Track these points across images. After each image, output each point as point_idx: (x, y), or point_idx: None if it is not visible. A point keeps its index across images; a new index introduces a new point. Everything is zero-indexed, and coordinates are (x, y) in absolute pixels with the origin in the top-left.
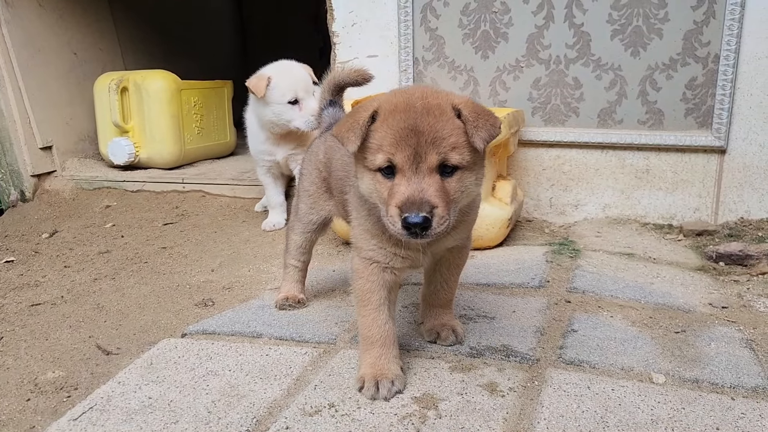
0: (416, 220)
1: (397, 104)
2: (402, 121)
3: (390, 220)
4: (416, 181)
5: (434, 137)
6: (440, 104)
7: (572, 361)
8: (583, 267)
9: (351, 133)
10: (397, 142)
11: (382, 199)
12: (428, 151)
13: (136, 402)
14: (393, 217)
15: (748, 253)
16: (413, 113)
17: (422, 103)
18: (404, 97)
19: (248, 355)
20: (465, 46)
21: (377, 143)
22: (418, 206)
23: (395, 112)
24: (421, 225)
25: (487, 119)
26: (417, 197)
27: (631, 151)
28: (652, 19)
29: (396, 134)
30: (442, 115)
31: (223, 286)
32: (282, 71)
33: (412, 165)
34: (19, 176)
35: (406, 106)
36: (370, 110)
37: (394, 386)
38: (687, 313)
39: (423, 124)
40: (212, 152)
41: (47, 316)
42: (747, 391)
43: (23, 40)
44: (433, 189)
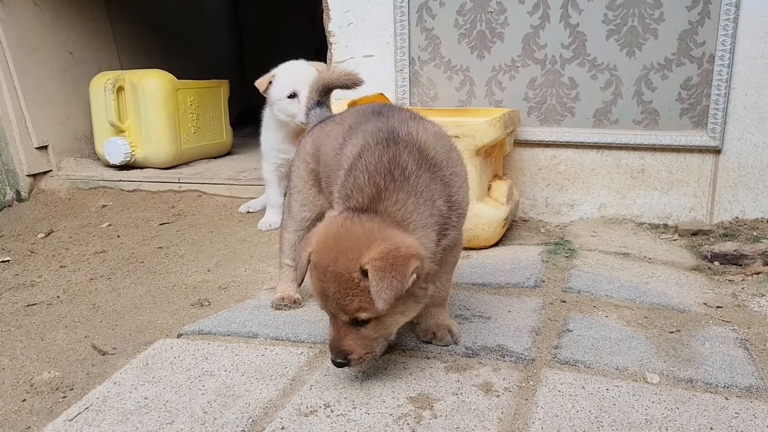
0: (338, 361)
1: (315, 261)
2: (316, 282)
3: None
4: (336, 330)
5: (338, 304)
6: (347, 270)
7: (567, 361)
8: (578, 267)
9: (298, 270)
10: (318, 298)
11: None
12: (338, 313)
13: (131, 402)
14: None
15: (743, 253)
16: (323, 277)
17: (331, 270)
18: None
19: (244, 356)
20: (461, 46)
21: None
22: (336, 353)
23: (315, 270)
24: (341, 365)
25: (393, 276)
26: (335, 345)
27: (627, 151)
28: (647, 19)
29: (315, 291)
30: (346, 282)
31: (219, 286)
32: (285, 69)
33: (332, 316)
34: (15, 176)
35: (320, 268)
36: (308, 251)
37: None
38: (682, 313)
39: (329, 290)
40: (208, 152)
41: (43, 317)
42: (741, 390)
43: (19, 39)
44: (349, 339)
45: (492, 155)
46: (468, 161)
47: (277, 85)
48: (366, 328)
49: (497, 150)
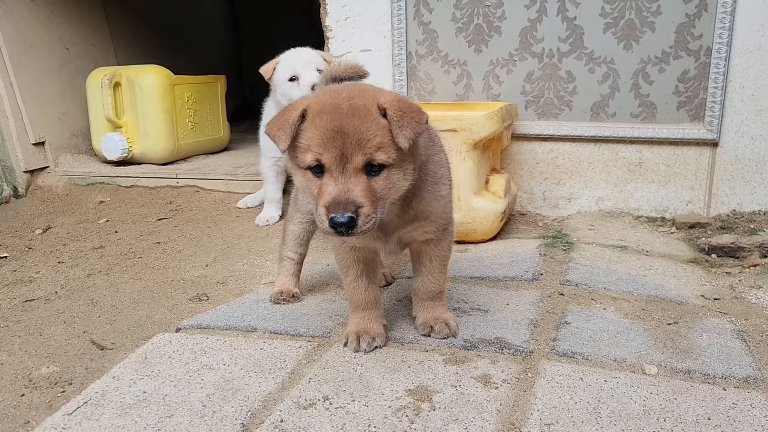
0: (341, 220)
1: (324, 105)
2: (328, 122)
3: (319, 218)
4: (342, 182)
5: (359, 139)
6: (365, 105)
7: (565, 353)
8: (576, 260)
9: (281, 132)
10: (324, 143)
11: (313, 196)
12: (354, 152)
13: (130, 396)
14: (321, 216)
15: (740, 245)
16: (339, 114)
17: (348, 104)
18: (332, 97)
19: (243, 349)
20: (458, 40)
21: (306, 143)
22: (344, 207)
23: (322, 113)
24: (347, 224)
25: (412, 117)
26: (343, 198)
27: (624, 145)
28: (644, 12)
29: (323, 135)
30: (367, 116)
31: (218, 280)
32: (288, 54)
33: (338, 165)
34: (12, 172)
35: (333, 107)
36: (299, 110)
37: (375, 341)
38: (679, 305)
39: (348, 126)
40: (206, 147)
41: (41, 312)
42: (738, 381)
43: (15, 35)
44: (359, 189)
45: (489, 149)
46: (465, 155)
47: (280, 69)
48: (377, 179)
49: (495, 144)
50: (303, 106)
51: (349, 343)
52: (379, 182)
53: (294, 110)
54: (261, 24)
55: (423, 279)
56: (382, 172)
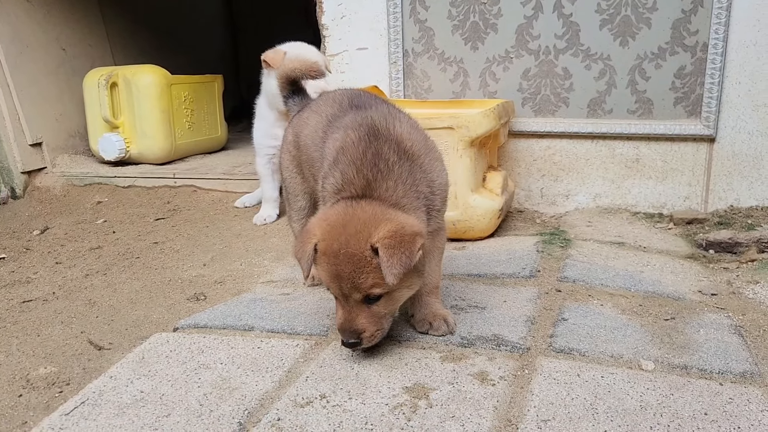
0: (348, 342)
1: (326, 248)
2: (328, 267)
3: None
4: (347, 311)
5: (354, 283)
6: (358, 252)
7: (562, 350)
8: (573, 256)
9: (303, 263)
10: (329, 282)
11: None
12: (352, 292)
13: (128, 396)
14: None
15: (738, 241)
16: (336, 261)
17: (344, 252)
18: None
19: (240, 348)
20: (454, 38)
21: (319, 274)
22: (349, 334)
23: (324, 256)
24: (354, 345)
25: (402, 252)
26: (347, 327)
27: (621, 141)
28: (640, 8)
29: (326, 276)
30: (359, 262)
31: (215, 280)
32: (296, 48)
33: (342, 298)
34: (9, 173)
35: (332, 252)
36: (313, 242)
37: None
38: (676, 301)
39: (344, 272)
40: (203, 147)
41: (39, 313)
42: (735, 376)
43: (11, 36)
44: (361, 317)
45: (486, 146)
46: (462, 152)
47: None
48: (377, 305)
49: (492, 141)
50: (315, 240)
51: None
52: (380, 306)
53: (309, 242)
54: (258, 23)
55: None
56: (381, 298)
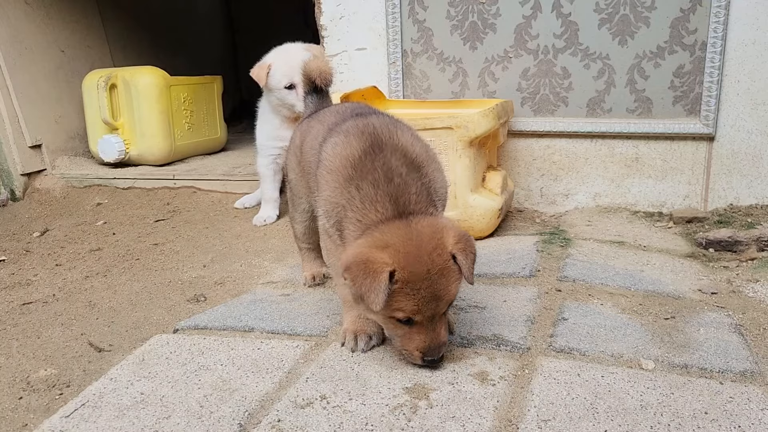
0: (436, 359)
1: (412, 273)
2: (422, 289)
3: (410, 357)
4: (433, 330)
5: (447, 297)
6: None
7: (562, 349)
8: (573, 256)
9: (375, 296)
10: (422, 305)
11: (396, 334)
12: (443, 307)
13: (128, 398)
14: (413, 357)
15: (738, 239)
16: (431, 281)
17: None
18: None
19: (240, 350)
20: (453, 38)
21: (398, 305)
22: (437, 351)
23: (417, 279)
24: (439, 360)
25: (471, 252)
26: (436, 344)
27: (621, 140)
28: (639, 7)
29: (419, 301)
30: (450, 274)
31: (215, 281)
32: (280, 56)
33: (429, 319)
34: (9, 175)
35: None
36: (386, 270)
37: (372, 340)
38: (677, 300)
39: (440, 288)
40: (203, 148)
41: (39, 315)
42: (735, 375)
43: (10, 37)
44: (444, 330)
45: (486, 146)
46: (462, 152)
47: (275, 74)
48: (447, 311)
49: (491, 141)
50: (389, 268)
51: (346, 342)
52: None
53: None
54: (257, 23)
55: None
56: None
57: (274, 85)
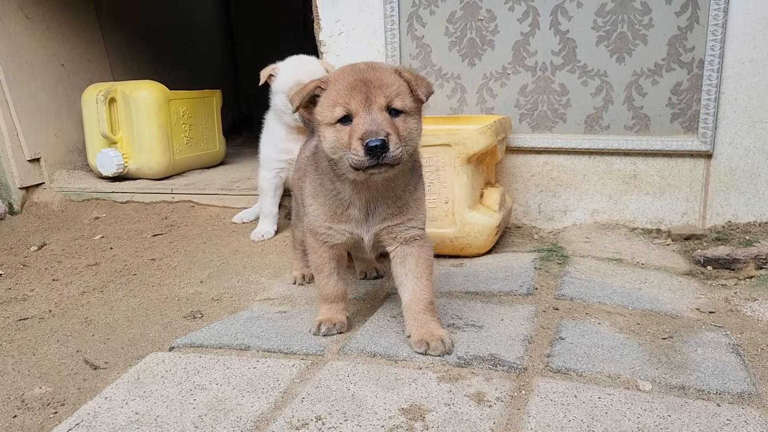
0: (376, 143)
1: (344, 69)
2: (351, 76)
3: (354, 152)
4: (371, 117)
5: (380, 84)
6: (382, 66)
7: (559, 370)
8: (571, 273)
9: (296, 97)
10: (349, 93)
11: (344, 145)
12: (377, 94)
13: (122, 418)
14: (356, 149)
15: (736, 257)
16: (360, 71)
17: (366, 65)
18: (349, 65)
19: (236, 368)
20: (452, 54)
21: (333, 100)
22: (376, 133)
23: (343, 74)
24: (380, 147)
25: (424, 80)
26: (374, 127)
27: (619, 157)
28: (636, 25)
29: (348, 87)
30: (385, 71)
31: (212, 297)
32: (290, 62)
33: (365, 107)
34: (7, 189)
35: (352, 68)
36: (318, 81)
37: (335, 327)
38: (674, 319)
39: (370, 76)
40: (201, 162)
41: (35, 331)
42: (733, 396)
43: (10, 51)
44: (386, 121)
45: (484, 163)
46: (460, 169)
47: (281, 76)
48: (397, 120)
49: (489, 157)
50: (321, 79)
51: (312, 330)
52: (399, 123)
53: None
54: (256, 37)
55: (414, 288)
56: (400, 116)
57: (278, 87)
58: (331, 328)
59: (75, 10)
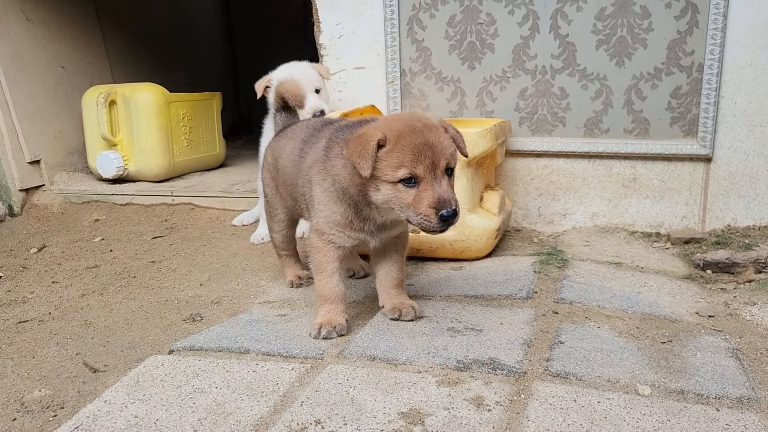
0: (449, 213)
1: (401, 128)
2: (415, 138)
3: (425, 218)
4: (438, 185)
5: (441, 149)
6: (434, 124)
7: (559, 374)
8: (570, 277)
9: (363, 161)
10: (416, 157)
11: (405, 204)
12: (440, 160)
13: (122, 421)
14: (429, 216)
15: (735, 261)
16: (421, 133)
17: (421, 123)
18: (403, 121)
19: (235, 372)
20: (451, 57)
21: (398, 161)
22: (449, 203)
23: (404, 134)
24: (453, 216)
25: (461, 135)
26: (445, 197)
27: (618, 160)
28: (636, 29)
29: (413, 151)
30: (439, 132)
31: (212, 300)
32: (282, 71)
33: (431, 173)
34: (7, 191)
35: (411, 127)
36: (375, 138)
37: (335, 330)
38: (674, 323)
39: (432, 140)
40: (201, 164)
41: (34, 333)
42: (732, 401)
43: (10, 53)
44: (450, 187)
45: (484, 166)
46: (459, 172)
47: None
48: (451, 179)
49: (489, 160)
50: (378, 136)
51: (312, 332)
52: (452, 181)
53: (371, 139)
54: (257, 39)
55: (390, 269)
56: (452, 174)
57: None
58: (331, 331)
59: (76, 12)
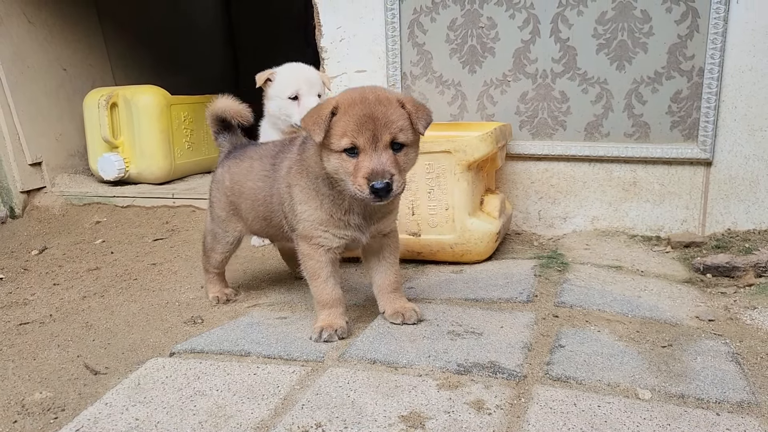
0: (381, 185)
1: (354, 98)
2: (361, 109)
3: (359, 188)
4: (376, 157)
5: (386, 122)
6: (388, 97)
7: (559, 378)
8: (571, 280)
9: (316, 126)
10: (358, 128)
11: (348, 173)
12: (383, 132)
13: (123, 424)
14: (361, 186)
15: (735, 265)
16: (369, 104)
17: (374, 95)
18: (358, 92)
19: (236, 374)
20: (452, 61)
21: (341, 130)
22: (381, 175)
23: (353, 104)
24: (385, 189)
25: (424, 111)
26: (380, 168)
27: (618, 164)
28: (636, 33)
29: (357, 121)
30: (390, 105)
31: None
32: (287, 69)
33: (371, 144)
34: (9, 193)
35: (362, 99)
36: (330, 106)
37: (336, 333)
38: (674, 327)
39: (378, 112)
40: (202, 167)
41: (35, 335)
42: (732, 406)
43: (12, 56)
44: (390, 161)
45: (484, 169)
46: (460, 176)
47: (278, 82)
48: (399, 154)
49: (489, 164)
50: (333, 104)
51: (313, 336)
52: (401, 157)
53: (326, 107)
54: (258, 42)
55: (386, 273)
56: (402, 150)
57: (276, 93)
58: (332, 334)
59: (77, 14)
